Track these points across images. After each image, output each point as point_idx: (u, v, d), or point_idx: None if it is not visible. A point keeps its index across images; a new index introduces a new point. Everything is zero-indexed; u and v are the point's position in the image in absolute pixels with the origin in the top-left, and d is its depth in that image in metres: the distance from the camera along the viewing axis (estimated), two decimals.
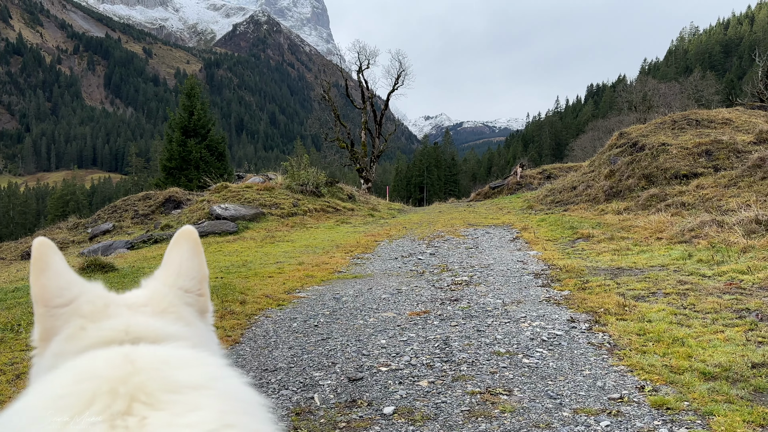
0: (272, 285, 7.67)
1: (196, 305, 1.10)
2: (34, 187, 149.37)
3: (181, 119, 32.25)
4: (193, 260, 1.11)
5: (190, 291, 1.10)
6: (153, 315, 1.01)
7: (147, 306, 1.03)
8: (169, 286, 1.08)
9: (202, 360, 0.86)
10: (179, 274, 1.09)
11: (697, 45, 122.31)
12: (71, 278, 1.01)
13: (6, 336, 5.21)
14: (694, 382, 3.67)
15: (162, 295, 1.07)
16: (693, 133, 15.60)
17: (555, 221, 13.55)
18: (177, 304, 1.06)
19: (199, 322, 1.08)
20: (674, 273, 7.03)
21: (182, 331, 0.99)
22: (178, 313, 1.04)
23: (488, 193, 29.40)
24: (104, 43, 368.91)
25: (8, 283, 9.01)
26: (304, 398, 3.79)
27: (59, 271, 0.99)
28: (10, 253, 16.40)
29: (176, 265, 1.10)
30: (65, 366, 0.84)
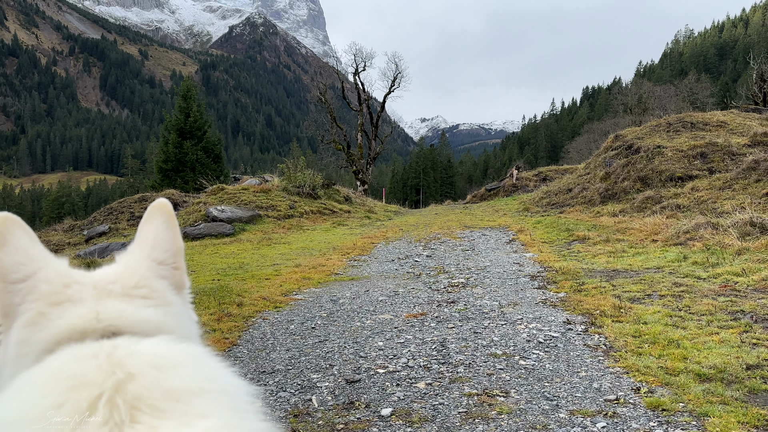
0: (269, 287, 7.68)
1: (171, 279, 1.06)
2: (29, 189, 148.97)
3: (178, 121, 32.24)
4: (167, 232, 1.07)
5: (165, 263, 1.06)
6: (123, 295, 0.97)
7: (116, 283, 0.98)
8: (142, 258, 1.04)
9: (193, 358, 0.84)
10: (153, 246, 1.05)
11: (692, 48, 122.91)
12: (33, 254, 0.97)
13: None
14: (689, 384, 3.70)
15: (133, 269, 1.02)
16: (688, 136, 15.68)
17: (551, 223, 13.61)
18: (149, 276, 1.01)
19: (175, 297, 1.04)
20: (669, 275, 7.07)
21: (159, 317, 0.96)
22: (150, 287, 1.00)
23: (484, 195, 29.47)
24: (100, 45, 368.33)
25: None
26: (302, 400, 3.80)
27: (19, 246, 0.96)
28: None
29: (150, 237, 1.06)
30: (44, 368, 0.81)
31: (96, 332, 0.89)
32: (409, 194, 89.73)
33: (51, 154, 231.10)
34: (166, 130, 33.47)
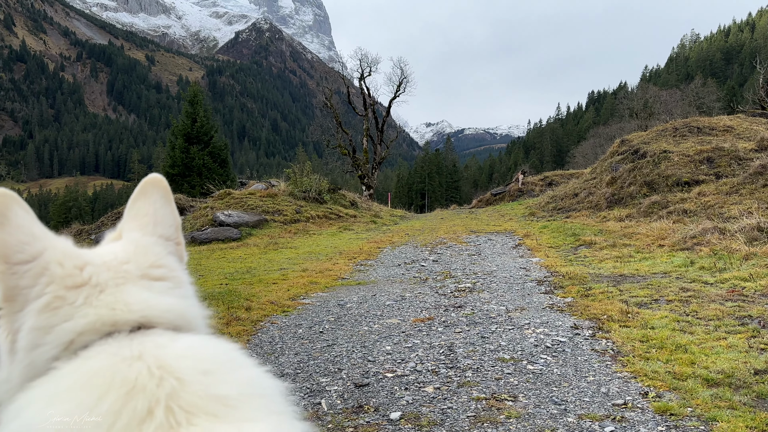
0: (277, 291, 7.72)
1: (176, 254, 1.03)
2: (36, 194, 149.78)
3: (184, 126, 32.38)
4: (166, 207, 1.04)
5: (170, 239, 1.03)
6: (141, 277, 0.94)
7: (130, 263, 0.95)
8: (149, 235, 1.01)
9: (232, 360, 0.84)
10: (156, 222, 1.01)
11: (698, 52, 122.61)
12: (35, 232, 0.92)
13: None
14: (697, 389, 3.71)
15: (145, 246, 0.98)
16: (694, 141, 15.67)
17: (557, 228, 13.60)
18: (162, 254, 0.99)
19: (183, 275, 1.02)
20: (676, 280, 7.07)
21: (179, 303, 0.94)
22: (166, 266, 0.97)
23: (490, 199, 29.46)
24: (107, 51, 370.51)
25: None
26: (312, 404, 3.83)
27: (21, 225, 0.91)
28: None
29: (151, 213, 1.02)
30: (89, 368, 0.79)
31: (127, 324, 0.87)
32: (414, 199, 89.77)
33: (58, 158, 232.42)
34: (172, 135, 33.61)
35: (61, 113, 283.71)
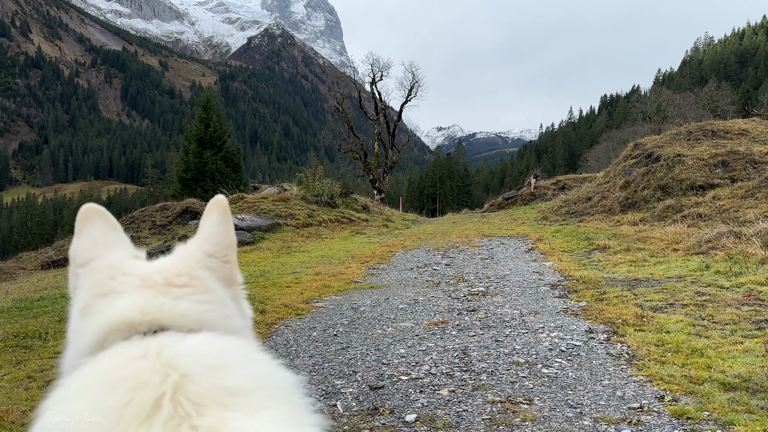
0: (290, 295, 7.76)
1: (220, 271, 1.07)
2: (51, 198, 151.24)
3: (198, 131, 32.63)
4: (220, 226, 1.10)
5: (215, 256, 1.07)
6: (165, 284, 0.99)
7: (160, 273, 1.01)
8: (193, 250, 1.07)
9: (242, 355, 0.86)
10: (206, 239, 1.08)
11: (712, 55, 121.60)
12: (99, 241, 1.04)
13: (34, 344, 5.34)
14: (713, 393, 3.69)
15: (181, 259, 1.05)
16: (709, 144, 15.55)
17: (570, 232, 13.55)
18: (194, 266, 1.03)
19: (220, 289, 1.05)
20: (692, 284, 7.03)
21: (197, 307, 0.98)
22: (190, 275, 1.02)
23: (502, 203, 29.40)
24: (121, 56, 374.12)
25: (32, 292, 9.19)
26: (327, 406, 3.86)
27: (91, 234, 1.04)
28: (30, 262, 16.66)
29: (205, 231, 1.09)
30: (100, 368, 0.83)
31: (142, 325, 0.91)
32: (425, 203, 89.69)
33: (73, 163, 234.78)
34: (186, 140, 33.88)
35: (76, 119, 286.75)
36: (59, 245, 18.27)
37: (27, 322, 6.13)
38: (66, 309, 2.77)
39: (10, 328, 5.83)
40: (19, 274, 13.98)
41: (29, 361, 4.93)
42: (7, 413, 3.82)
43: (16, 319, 6.35)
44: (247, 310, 1.14)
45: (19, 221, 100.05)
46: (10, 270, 14.43)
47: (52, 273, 12.96)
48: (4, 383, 4.47)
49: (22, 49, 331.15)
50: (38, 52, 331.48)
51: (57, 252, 16.86)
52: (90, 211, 1.07)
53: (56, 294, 8.34)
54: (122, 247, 1.07)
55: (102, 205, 1.18)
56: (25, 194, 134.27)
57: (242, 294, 1.14)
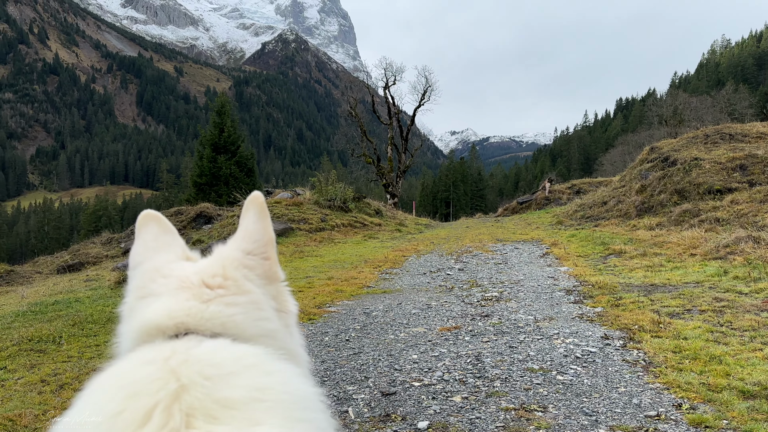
0: (302, 299, 7.75)
1: (260, 268, 1.09)
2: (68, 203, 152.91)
3: (212, 136, 32.84)
4: (258, 223, 1.11)
5: (253, 253, 1.09)
6: (200, 286, 1.01)
7: (197, 274, 1.04)
8: (231, 249, 1.09)
9: (248, 365, 0.85)
10: (244, 237, 1.10)
11: (729, 58, 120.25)
12: (151, 245, 1.11)
13: (48, 348, 5.36)
14: (732, 401, 3.61)
15: (218, 258, 1.07)
16: (726, 148, 15.35)
17: (585, 237, 13.43)
18: (230, 266, 1.05)
19: (257, 290, 1.06)
20: (709, 290, 6.92)
21: (227, 310, 0.98)
22: (225, 275, 1.03)
23: (516, 208, 29.24)
24: (137, 62, 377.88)
25: (47, 296, 9.26)
26: (339, 412, 3.82)
27: (143, 238, 1.11)
28: (46, 267, 16.81)
29: (243, 229, 1.11)
30: (114, 371, 0.86)
31: (169, 329, 0.94)
32: (439, 207, 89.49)
33: (89, 168, 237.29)
34: (200, 145, 34.11)
35: (92, 124, 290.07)
36: (75, 249, 18.42)
37: (41, 326, 6.17)
38: (78, 312, 2.81)
39: (24, 332, 5.86)
40: (35, 278, 14.11)
41: (43, 365, 4.95)
42: (20, 417, 3.83)
43: (30, 323, 6.39)
44: (290, 306, 1.16)
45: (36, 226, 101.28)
46: (27, 274, 14.56)
47: (67, 277, 13.06)
48: (18, 387, 4.49)
49: (40, 56, 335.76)
50: (55, 59, 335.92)
51: (72, 256, 17.00)
52: (146, 216, 1.14)
53: (70, 298, 8.39)
54: (172, 250, 1.12)
55: (118, 209, 1.21)
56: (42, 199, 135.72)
57: (285, 290, 1.16)
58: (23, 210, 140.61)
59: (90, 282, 11.10)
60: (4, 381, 4.65)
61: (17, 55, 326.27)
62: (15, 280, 13.80)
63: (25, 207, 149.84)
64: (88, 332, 5.94)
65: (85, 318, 6.50)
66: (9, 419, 3.80)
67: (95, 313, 6.86)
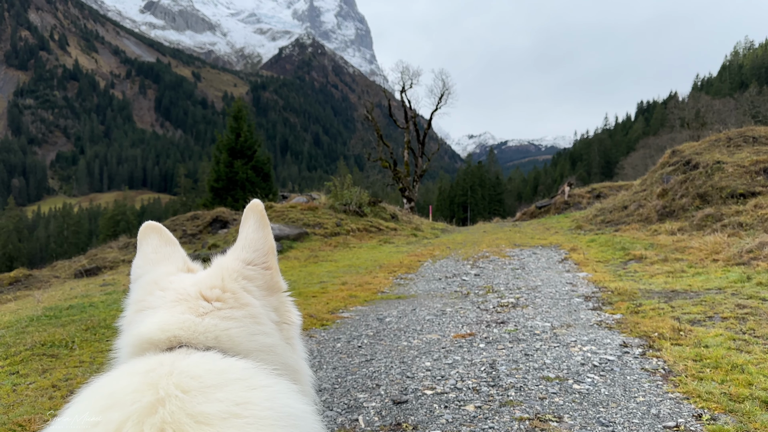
0: (316, 305, 7.70)
1: (260, 279, 1.07)
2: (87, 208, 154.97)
3: (229, 141, 33.04)
4: (258, 232, 1.08)
5: (254, 263, 1.07)
6: (197, 298, 1.00)
7: (195, 285, 1.02)
8: (231, 259, 1.08)
9: (230, 379, 0.82)
10: (244, 246, 1.08)
11: (753, 59, 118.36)
12: (151, 257, 1.10)
13: (61, 352, 5.36)
14: (755, 411, 3.48)
15: (217, 270, 1.06)
16: (750, 151, 15.06)
17: (605, 242, 13.23)
18: (228, 278, 1.03)
19: (255, 302, 1.04)
20: (732, 296, 6.74)
21: (221, 324, 0.96)
22: (223, 287, 1.02)
23: (534, 212, 29.01)
24: (155, 68, 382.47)
25: (63, 300, 9.31)
26: (349, 420, 3.75)
27: (144, 250, 1.11)
28: (64, 271, 16.98)
29: (243, 238, 1.09)
30: (99, 382, 0.85)
31: (162, 343, 0.93)
32: (456, 212, 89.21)
33: (108, 173, 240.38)
34: (217, 150, 34.33)
35: (111, 129, 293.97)
36: (92, 254, 18.59)
37: (55, 330, 6.18)
38: (92, 317, 2.74)
39: (38, 337, 5.88)
40: (52, 282, 14.24)
41: (55, 369, 4.94)
42: (30, 423, 3.81)
43: (44, 328, 6.40)
44: (293, 317, 1.14)
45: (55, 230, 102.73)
46: (45, 278, 14.71)
47: (83, 281, 13.16)
48: (30, 392, 4.48)
49: (60, 62, 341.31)
50: (75, 65, 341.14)
51: (90, 261, 17.15)
52: (147, 228, 1.13)
53: (85, 303, 8.42)
54: (172, 262, 1.11)
55: (136, 214, 1.20)
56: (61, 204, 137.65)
57: (287, 300, 1.15)
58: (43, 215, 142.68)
59: (106, 287, 11.16)
60: (16, 385, 4.65)
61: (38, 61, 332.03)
62: (33, 284, 13.94)
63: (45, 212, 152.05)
64: (101, 337, 5.94)
65: (98, 323, 6.50)
66: (19, 424, 3.79)
67: (108, 317, 6.86)
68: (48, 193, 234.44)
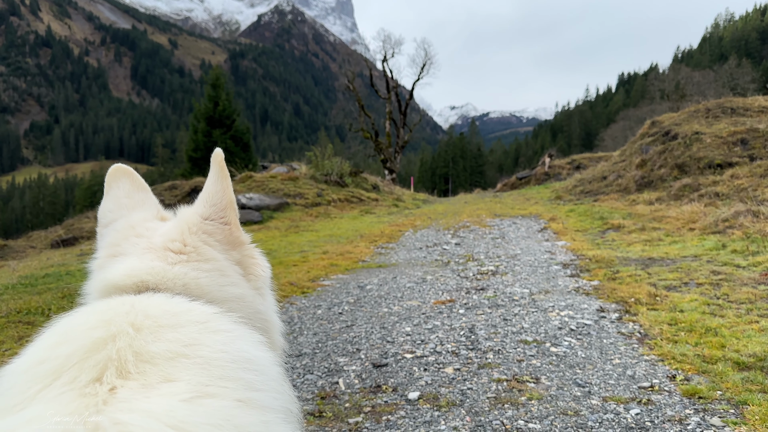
0: (296, 273, 7.69)
1: (220, 234, 1.04)
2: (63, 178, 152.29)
3: (206, 110, 32.52)
4: (216, 185, 1.05)
5: (211, 218, 1.04)
6: (163, 249, 0.99)
7: (162, 236, 1.02)
8: (191, 213, 1.05)
9: (186, 321, 0.80)
10: (204, 200, 1.06)
11: (733, 32, 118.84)
12: (123, 202, 1.08)
13: (37, 320, 5.30)
14: (727, 372, 3.56)
15: (178, 222, 1.05)
16: (728, 122, 15.21)
17: (584, 212, 13.36)
18: (187, 231, 1.02)
19: (219, 255, 1.02)
20: (707, 263, 6.86)
21: (189, 273, 0.95)
22: (186, 243, 1.00)
23: (515, 183, 29.14)
24: (130, 35, 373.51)
25: (39, 270, 9.19)
26: (329, 383, 3.77)
27: (115, 194, 1.08)
28: (40, 242, 16.73)
29: (204, 191, 1.07)
30: (57, 321, 0.85)
31: (127, 287, 0.92)
32: (437, 183, 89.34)
33: (83, 143, 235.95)
34: (195, 119, 33.81)
35: (86, 98, 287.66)
36: (69, 224, 18.33)
37: (30, 298, 6.10)
38: (68, 285, 2.70)
39: (13, 304, 5.80)
40: (28, 252, 14.03)
41: (31, 336, 4.88)
42: None
43: (20, 296, 6.33)
44: (259, 270, 1.12)
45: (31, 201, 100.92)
46: (20, 249, 14.49)
47: (60, 251, 12.98)
48: (5, 359, 4.43)
49: (32, 28, 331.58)
50: (48, 31, 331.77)
51: (66, 231, 16.91)
52: (117, 171, 1.09)
53: (61, 271, 8.32)
54: (146, 208, 1.09)
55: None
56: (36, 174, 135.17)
57: (254, 252, 1.12)
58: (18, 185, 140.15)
59: (83, 256, 11.03)
60: None
61: (9, 27, 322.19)
62: (8, 254, 13.73)
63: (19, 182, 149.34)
64: (77, 304, 5.87)
65: (74, 290, 6.43)
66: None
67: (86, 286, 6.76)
68: (22, 163, 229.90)
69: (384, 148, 40.23)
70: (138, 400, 0.65)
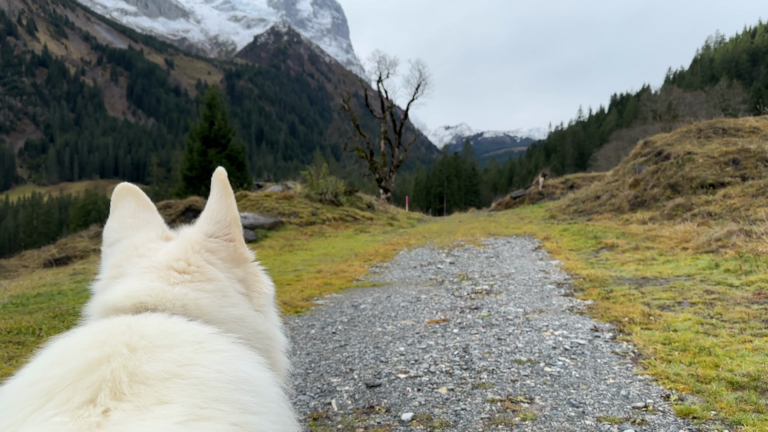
0: (290, 292, 7.66)
1: (224, 251, 1.04)
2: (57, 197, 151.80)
3: (202, 129, 32.60)
4: (220, 202, 1.05)
5: (215, 235, 1.04)
6: (166, 268, 0.98)
7: (165, 256, 1.01)
8: (194, 231, 1.05)
9: (182, 341, 0.79)
10: (207, 218, 1.05)
11: (723, 53, 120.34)
12: (128, 222, 1.07)
13: (27, 339, 5.25)
14: (721, 392, 3.55)
15: (182, 241, 1.04)
16: (719, 142, 15.34)
17: (578, 231, 13.39)
18: (191, 250, 1.01)
19: (222, 274, 1.01)
20: (700, 283, 6.88)
21: (189, 293, 0.95)
22: (187, 260, 1.00)
23: (509, 202, 29.23)
24: (127, 55, 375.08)
25: (31, 289, 9.12)
26: (322, 404, 3.74)
27: (120, 214, 1.07)
28: (33, 261, 16.62)
29: (207, 209, 1.07)
30: (54, 341, 0.84)
31: (126, 309, 0.91)
32: (432, 202, 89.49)
33: (78, 162, 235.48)
34: (190, 138, 33.86)
35: (82, 117, 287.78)
36: (62, 243, 18.24)
37: (21, 318, 6.05)
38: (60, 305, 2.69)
39: (4, 324, 5.75)
40: (20, 271, 13.94)
41: (21, 357, 4.84)
42: None
43: (11, 315, 6.27)
44: (263, 288, 1.11)
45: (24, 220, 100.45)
46: (12, 268, 14.40)
47: (53, 271, 12.91)
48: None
49: (29, 48, 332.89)
50: (44, 51, 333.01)
51: (60, 250, 16.83)
52: (123, 190, 1.09)
53: (53, 291, 8.26)
54: (151, 228, 1.08)
55: (107, 203, 1.17)
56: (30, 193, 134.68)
57: (257, 270, 1.12)
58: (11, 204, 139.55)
59: (76, 275, 10.96)
60: None
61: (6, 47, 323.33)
62: (0, 274, 13.63)
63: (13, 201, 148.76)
64: (70, 324, 5.84)
65: (66, 310, 6.39)
66: None
67: (78, 305, 6.73)
68: (17, 182, 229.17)
69: (379, 168, 40.35)
70: (132, 423, 0.64)
